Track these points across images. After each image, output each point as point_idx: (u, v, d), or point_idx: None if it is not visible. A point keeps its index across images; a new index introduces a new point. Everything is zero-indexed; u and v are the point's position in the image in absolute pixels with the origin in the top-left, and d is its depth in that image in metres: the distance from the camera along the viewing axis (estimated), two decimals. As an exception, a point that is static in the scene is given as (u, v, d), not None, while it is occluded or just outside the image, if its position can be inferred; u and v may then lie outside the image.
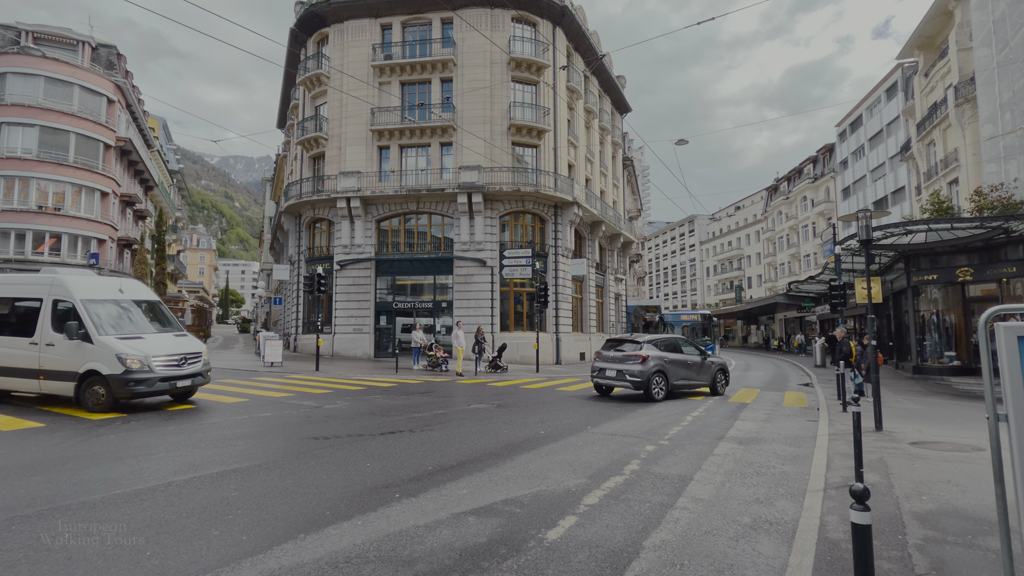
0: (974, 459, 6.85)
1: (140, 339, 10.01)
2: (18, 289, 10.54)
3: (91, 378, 9.49)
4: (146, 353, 9.64)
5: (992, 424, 2.57)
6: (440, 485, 5.48)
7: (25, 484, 5.29)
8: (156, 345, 10.05)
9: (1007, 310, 2.64)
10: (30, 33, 31.72)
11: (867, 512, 2.89)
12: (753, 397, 13.65)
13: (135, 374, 9.39)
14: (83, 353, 9.57)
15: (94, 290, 10.42)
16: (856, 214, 9.25)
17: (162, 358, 9.84)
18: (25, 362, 9.97)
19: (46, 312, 10.00)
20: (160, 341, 10.28)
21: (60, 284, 10.12)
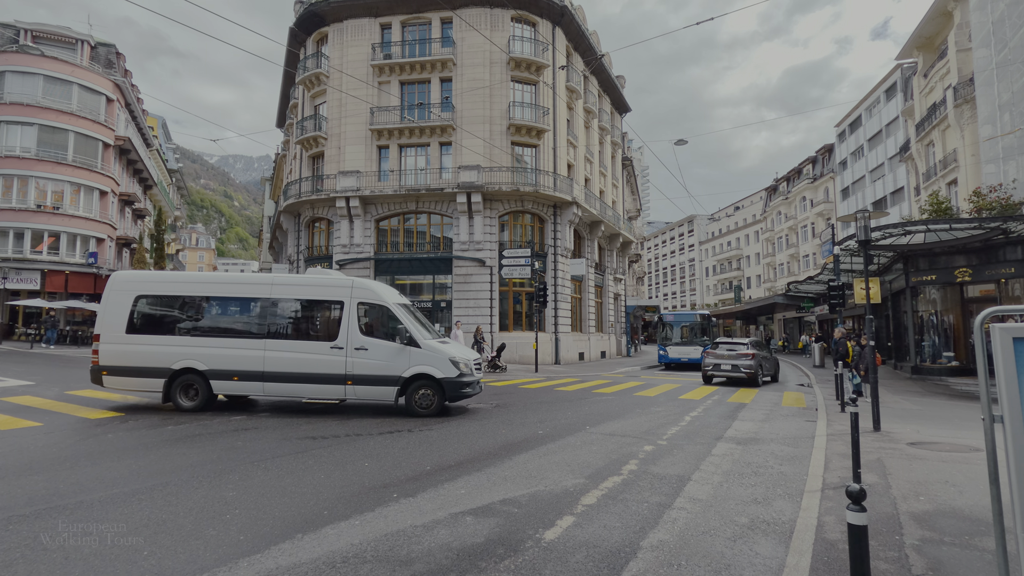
0: (972, 460, 6.86)
1: (445, 343, 10.49)
2: (310, 291, 10.13)
3: (418, 382, 9.65)
4: (465, 357, 10.11)
5: (987, 425, 2.58)
6: (438, 485, 5.48)
7: (23, 483, 5.28)
8: (458, 349, 10.58)
9: (1004, 311, 2.64)
10: (29, 32, 31.68)
11: (863, 513, 2.90)
12: (751, 397, 13.66)
13: (465, 377, 9.80)
14: (408, 357, 9.66)
15: (393, 294, 10.74)
16: (855, 214, 9.25)
17: (472, 361, 10.22)
18: (328, 367, 9.60)
19: (352, 315, 9.79)
20: (452, 345, 10.80)
21: (365, 287, 10.10)
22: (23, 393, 11.08)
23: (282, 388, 9.73)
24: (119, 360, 9.74)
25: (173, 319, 10.11)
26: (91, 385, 10.20)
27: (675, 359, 24.50)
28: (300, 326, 10.06)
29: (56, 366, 17.21)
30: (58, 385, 12.42)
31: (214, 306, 10.24)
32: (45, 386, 12.22)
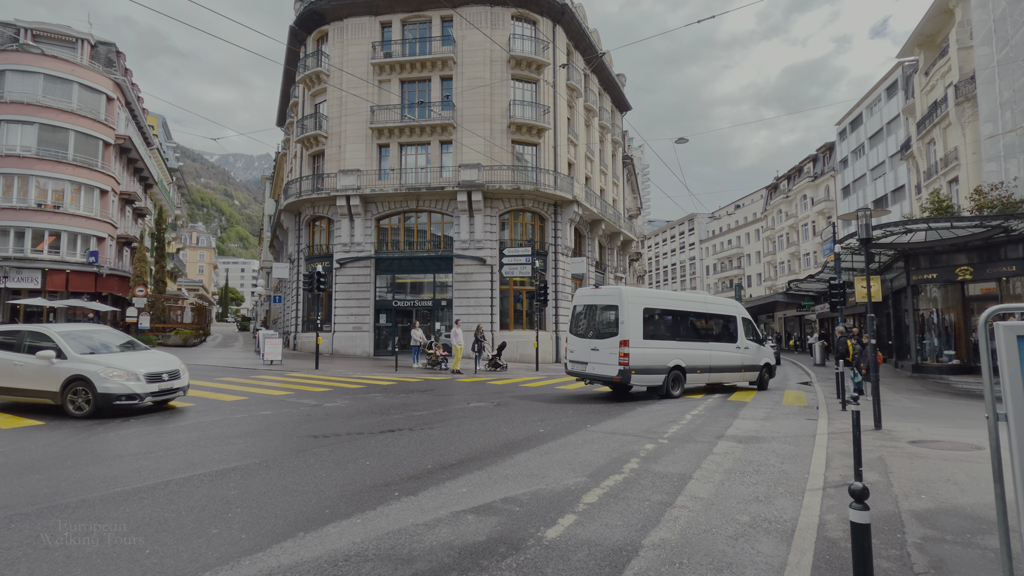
0: (973, 458, 6.86)
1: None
2: (720, 309, 14.49)
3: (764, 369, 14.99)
4: None
5: (991, 423, 2.57)
6: (439, 483, 5.48)
7: (25, 482, 5.29)
8: None
9: (1007, 309, 2.64)
10: (29, 30, 31.64)
11: (866, 511, 2.89)
12: (752, 396, 13.65)
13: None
14: (758, 352, 14.86)
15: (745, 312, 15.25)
16: (856, 213, 9.24)
17: None
18: (735, 360, 14.28)
19: (740, 326, 14.56)
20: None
21: (743, 310, 14.97)
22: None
23: (716, 376, 14.04)
24: (642, 361, 12.05)
25: (664, 327, 13.04)
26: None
27: None
28: (719, 332, 14.27)
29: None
30: (59, 384, 12.40)
31: (678, 317, 13.44)
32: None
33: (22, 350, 9.43)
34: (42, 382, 9.17)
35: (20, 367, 9.27)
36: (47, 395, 9.12)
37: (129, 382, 9.11)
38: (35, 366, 9.21)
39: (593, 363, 12.44)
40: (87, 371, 9.05)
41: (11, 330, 9.87)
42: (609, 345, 12.11)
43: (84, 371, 9.06)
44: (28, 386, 9.24)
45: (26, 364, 9.26)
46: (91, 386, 8.95)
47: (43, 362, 9.17)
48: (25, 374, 9.24)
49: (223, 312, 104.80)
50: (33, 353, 9.30)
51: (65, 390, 9.03)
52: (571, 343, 13.24)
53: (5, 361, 9.35)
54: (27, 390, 9.25)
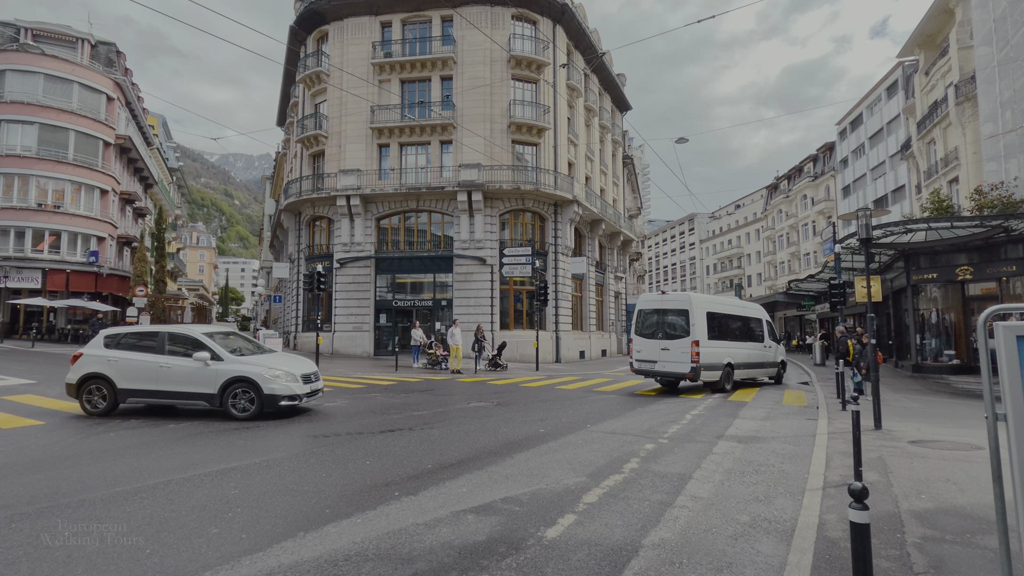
0: (973, 458, 6.86)
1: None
2: (753, 312, 16.34)
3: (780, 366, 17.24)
4: None
5: (991, 423, 2.57)
6: (440, 483, 5.48)
7: (25, 482, 5.29)
8: None
9: (1006, 309, 2.64)
10: (29, 30, 31.65)
11: (866, 511, 2.89)
12: (752, 395, 13.65)
13: None
14: (776, 351, 17.00)
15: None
16: (856, 212, 9.24)
17: None
18: (764, 357, 16.36)
19: (766, 327, 16.68)
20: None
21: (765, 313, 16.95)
22: (24, 392, 11.11)
23: (751, 372, 15.85)
24: (707, 359, 13.49)
25: (719, 329, 14.34)
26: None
27: None
28: (752, 333, 16.06)
29: (58, 365, 17.22)
30: (59, 384, 12.42)
31: (727, 320, 14.98)
32: (47, 385, 12.24)
33: (164, 352, 9.21)
34: (196, 384, 8.96)
35: (168, 369, 9.01)
36: (202, 397, 8.97)
37: (291, 383, 9.09)
38: (188, 368, 8.99)
39: (663, 361, 13.78)
40: (251, 373, 8.96)
41: (148, 331, 9.57)
42: (681, 345, 13.48)
43: (247, 373, 8.96)
44: (179, 388, 8.99)
45: (176, 366, 9.02)
46: (256, 388, 8.89)
47: (198, 364, 8.98)
48: (175, 376, 8.99)
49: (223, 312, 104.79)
50: (176, 355, 9.14)
51: (225, 392, 8.91)
52: (637, 344, 14.42)
53: (149, 363, 9.08)
54: (177, 392, 9.01)
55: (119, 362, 9.13)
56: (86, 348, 9.40)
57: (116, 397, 9.06)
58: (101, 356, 9.19)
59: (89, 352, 9.25)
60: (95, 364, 9.11)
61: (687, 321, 13.60)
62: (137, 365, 9.10)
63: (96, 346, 9.33)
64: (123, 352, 9.25)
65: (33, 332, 26.21)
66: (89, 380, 9.08)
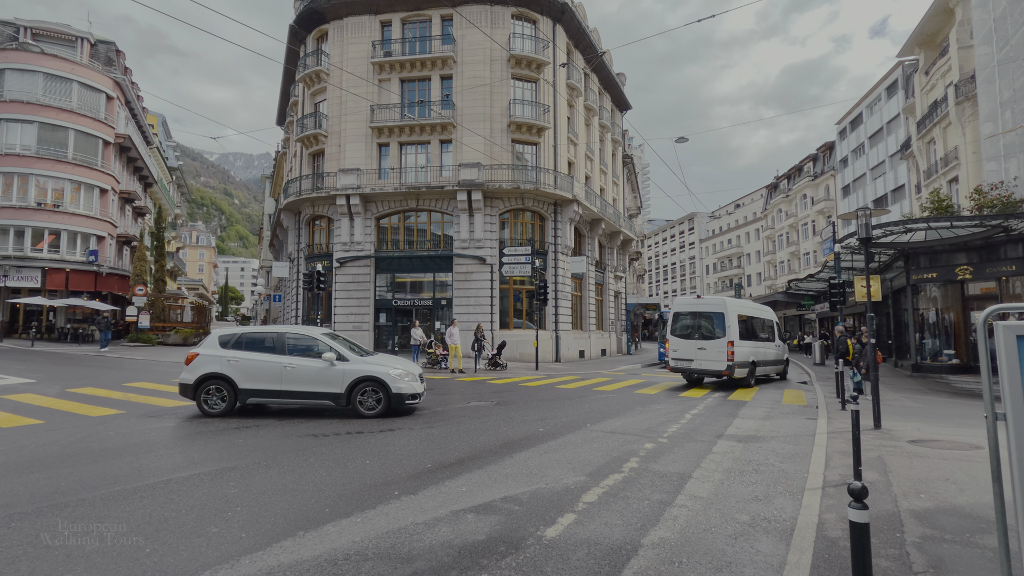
0: (972, 457, 6.86)
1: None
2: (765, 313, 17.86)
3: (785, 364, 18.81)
4: None
5: (990, 423, 2.58)
6: (439, 483, 5.48)
7: (25, 481, 5.29)
8: None
9: (1007, 309, 2.64)
10: (28, 29, 31.61)
11: (865, 511, 2.90)
12: (752, 395, 13.66)
13: None
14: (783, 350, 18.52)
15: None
16: (856, 212, 9.25)
17: None
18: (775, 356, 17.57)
19: (775, 326, 18.26)
20: None
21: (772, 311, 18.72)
22: (24, 391, 11.10)
23: (766, 368, 16.97)
24: (739, 358, 14.73)
25: (745, 330, 15.51)
26: (91, 383, 10.20)
27: None
28: (767, 333, 17.51)
29: (57, 364, 17.22)
30: (59, 383, 12.43)
31: (751, 322, 16.34)
32: (46, 384, 12.23)
33: (286, 352, 9.32)
34: (323, 384, 9.14)
35: (293, 370, 9.12)
36: (328, 397, 9.16)
37: (413, 383, 9.43)
38: (313, 368, 9.13)
39: (700, 360, 14.98)
40: (378, 372, 9.22)
41: (266, 332, 9.66)
42: (717, 345, 14.72)
43: (375, 372, 9.21)
44: (304, 388, 9.13)
45: (301, 367, 9.15)
46: (384, 387, 9.15)
47: (324, 364, 9.14)
48: (300, 376, 9.12)
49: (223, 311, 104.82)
50: (299, 356, 9.29)
51: (353, 391, 9.13)
52: (673, 343, 15.62)
53: (272, 363, 9.15)
54: (302, 392, 9.15)
55: (240, 362, 9.15)
56: (201, 348, 9.38)
57: (236, 397, 9.10)
58: (220, 356, 9.19)
59: (206, 352, 9.24)
60: (214, 364, 9.11)
61: (723, 323, 14.83)
62: (260, 365, 9.15)
63: (212, 346, 9.34)
64: (242, 352, 9.28)
65: (33, 331, 26.20)
66: (208, 380, 9.07)
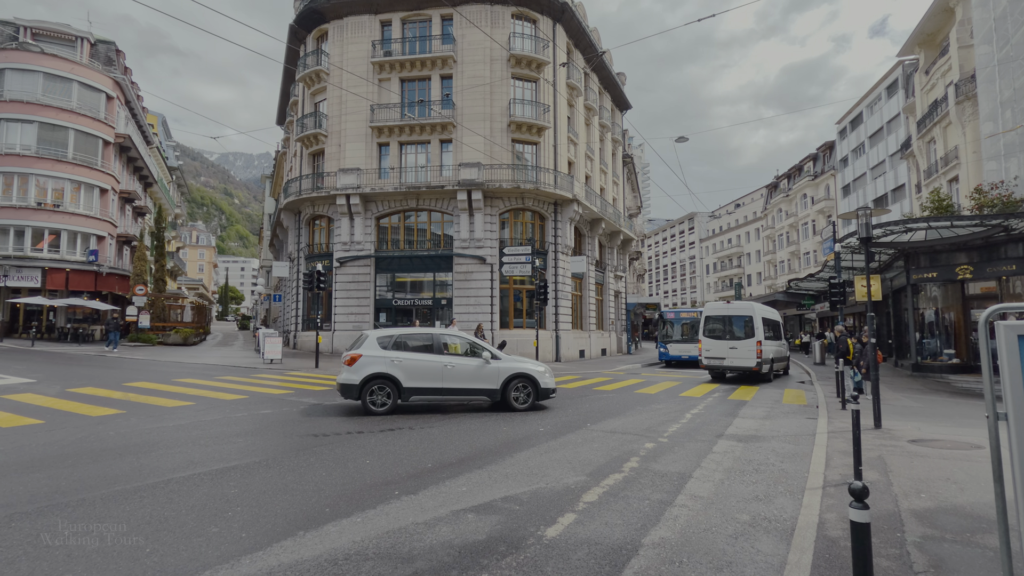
0: (973, 457, 6.86)
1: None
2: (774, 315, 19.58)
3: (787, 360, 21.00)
4: None
5: (991, 423, 2.57)
6: (439, 482, 5.48)
7: (25, 481, 5.29)
8: None
9: (1008, 308, 2.63)
10: (28, 29, 31.59)
11: (866, 510, 2.89)
12: (752, 395, 13.65)
13: None
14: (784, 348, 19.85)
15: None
16: (856, 212, 9.24)
17: None
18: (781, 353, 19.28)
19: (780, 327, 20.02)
20: None
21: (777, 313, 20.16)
22: (24, 391, 11.09)
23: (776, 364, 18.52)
24: (765, 355, 16.60)
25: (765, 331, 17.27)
26: (92, 383, 10.21)
27: (676, 356, 24.48)
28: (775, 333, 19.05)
29: (57, 364, 17.22)
30: (59, 383, 12.43)
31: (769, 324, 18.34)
32: (46, 384, 12.23)
33: (443, 352, 9.99)
34: (479, 381, 9.89)
35: (452, 368, 9.76)
36: (484, 393, 9.98)
37: (551, 379, 10.36)
38: (471, 367, 9.89)
39: (732, 358, 16.79)
40: (528, 370, 10.13)
41: (422, 333, 10.24)
42: (747, 344, 16.64)
43: (526, 370, 10.12)
44: (462, 385, 9.85)
45: (459, 365, 9.84)
46: (534, 383, 10.10)
47: (479, 363, 9.95)
48: (458, 375, 9.80)
49: (223, 311, 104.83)
50: (455, 355, 10.04)
51: (507, 387, 9.94)
52: (706, 344, 17.31)
53: (433, 363, 9.72)
54: (460, 389, 9.87)
55: (403, 362, 9.63)
56: (363, 349, 9.68)
57: (400, 396, 9.58)
58: (384, 357, 9.58)
59: (368, 353, 9.58)
60: (379, 365, 9.49)
61: (752, 326, 16.82)
62: (421, 365, 9.68)
63: (372, 347, 9.69)
64: (403, 353, 9.78)
65: (33, 331, 26.20)
66: (373, 380, 9.43)
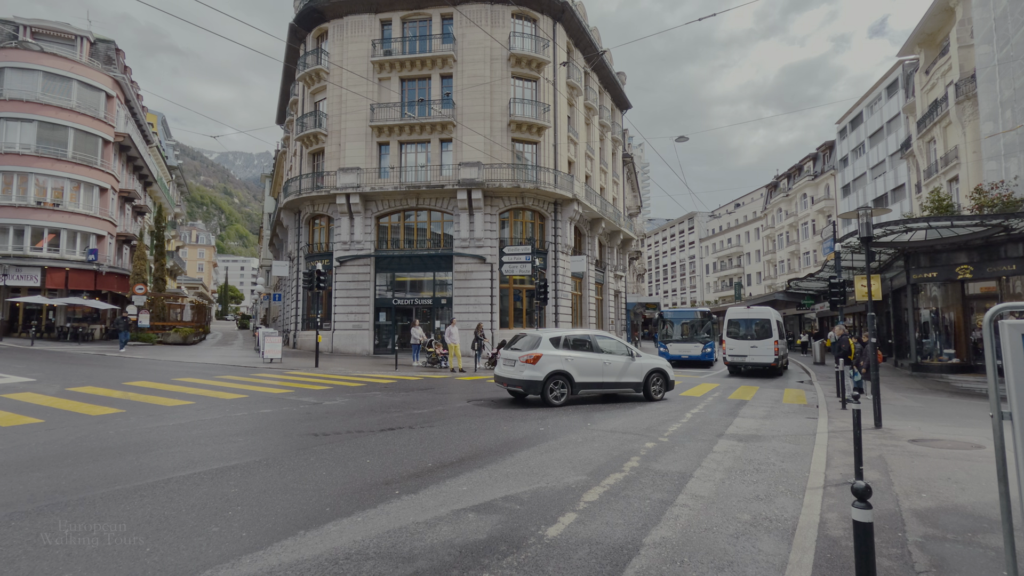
0: (973, 456, 6.86)
1: None
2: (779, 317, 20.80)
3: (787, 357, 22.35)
4: None
5: (996, 422, 2.56)
6: (440, 482, 5.47)
7: (25, 480, 5.28)
8: None
9: (1013, 307, 2.62)
10: (28, 28, 31.54)
11: (869, 510, 2.88)
12: (752, 394, 13.65)
13: None
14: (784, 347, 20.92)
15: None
16: (857, 211, 9.23)
17: None
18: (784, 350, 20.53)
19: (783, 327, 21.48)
20: None
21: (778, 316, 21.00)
22: (24, 390, 11.08)
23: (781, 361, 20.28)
24: (780, 353, 19.33)
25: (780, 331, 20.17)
26: (91, 382, 10.20)
27: (676, 356, 24.46)
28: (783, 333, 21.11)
29: (57, 363, 17.20)
30: (59, 382, 12.41)
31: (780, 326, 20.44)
32: (46, 383, 12.22)
33: (599, 351, 11.48)
34: (628, 375, 11.60)
35: (608, 365, 11.38)
36: (630, 386, 11.68)
37: (673, 373, 12.40)
38: (621, 363, 11.54)
39: (752, 355, 19.25)
40: (662, 365, 12.12)
41: (581, 335, 11.58)
42: (766, 344, 19.13)
43: (660, 366, 12.07)
44: (615, 380, 11.49)
45: (613, 362, 11.45)
46: (665, 376, 12.07)
47: (627, 359, 11.62)
48: (612, 370, 11.44)
49: (223, 310, 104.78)
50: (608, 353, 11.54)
51: (648, 380, 11.77)
52: (729, 343, 19.79)
53: (595, 360, 11.24)
54: (614, 383, 11.50)
55: (574, 360, 10.98)
56: (541, 349, 10.81)
57: (573, 390, 10.93)
58: (560, 356, 10.84)
59: (548, 353, 10.76)
60: (558, 363, 10.76)
61: (770, 327, 19.37)
62: (588, 362, 11.12)
63: (548, 347, 10.86)
64: (571, 352, 11.05)
65: (32, 330, 26.17)
66: (553, 377, 10.68)
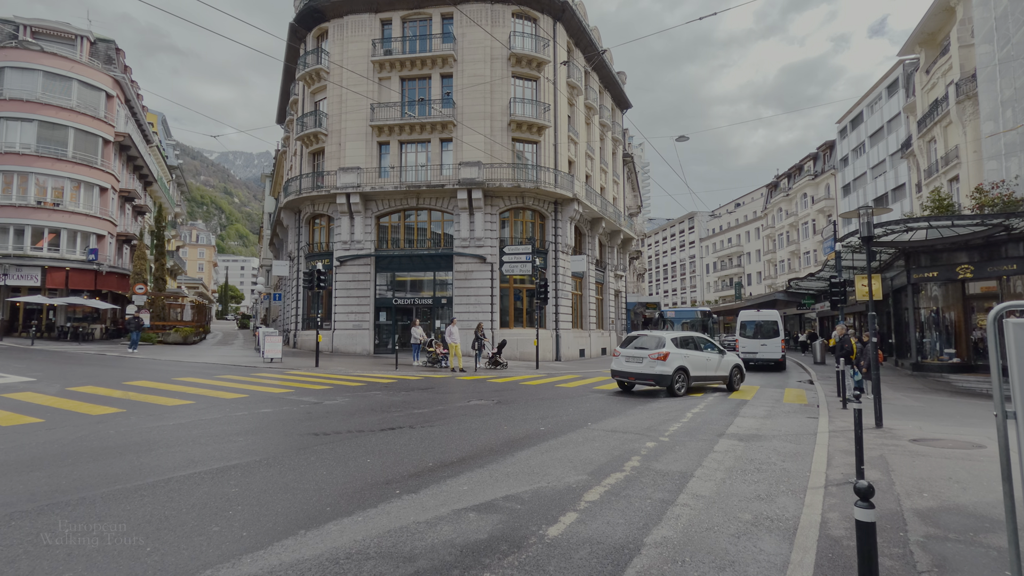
0: (975, 456, 6.85)
1: None
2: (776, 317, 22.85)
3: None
4: None
5: (1000, 422, 2.55)
6: (441, 481, 5.47)
7: (25, 480, 5.27)
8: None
9: (1017, 306, 2.61)
10: (28, 27, 31.53)
11: (871, 509, 2.87)
12: (753, 394, 13.64)
13: None
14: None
15: None
16: (858, 211, 9.22)
17: None
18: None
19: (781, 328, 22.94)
20: None
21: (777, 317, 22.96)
22: (24, 389, 11.07)
23: None
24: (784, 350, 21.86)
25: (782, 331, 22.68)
26: (91, 381, 10.20)
27: None
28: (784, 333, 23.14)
29: (57, 363, 17.19)
30: (59, 382, 12.40)
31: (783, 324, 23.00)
32: (46, 383, 12.21)
33: (700, 349, 13.46)
34: (721, 370, 13.70)
35: (709, 361, 13.44)
36: (720, 379, 13.81)
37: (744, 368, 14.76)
38: (715, 360, 13.63)
39: (762, 352, 21.57)
40: (740, 362, 14.28)
41: (686, 335, 13.56)
42: (774, 342, 21.72)
43: (739, 362, 14.24)
44: (713, 374, 13.51)
45: (711, 359, 13.55)
46: (742, 371, 14.30)
47: (718, 356, 13.71)
48: (711, 366, 13.48)
49: (223, 310, 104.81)
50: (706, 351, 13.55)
51: (731, 374, 13.84)
52: (742, 342, 22.00)
53: (701, 357, 13.23)
54: (711, 376, 13.51)
55: (690, 357, 12.93)
56: (668, 348, 12.56)
57: (689, 382, 12.79)
58: (680, 353, 12.74)
59: (673, 351, 12.56)
60: (680, 360, 12.64)
61: (777, 328, 21.97)
62: (697, 359, 13.13)
63: (671, 347, 12.61)
64: (684, 350, 12.90)
65: (32, 330, 26.17)
66: (677, 371, 12.52)
